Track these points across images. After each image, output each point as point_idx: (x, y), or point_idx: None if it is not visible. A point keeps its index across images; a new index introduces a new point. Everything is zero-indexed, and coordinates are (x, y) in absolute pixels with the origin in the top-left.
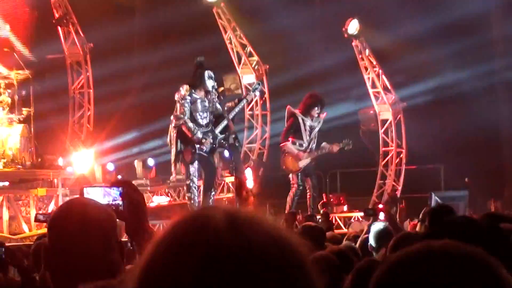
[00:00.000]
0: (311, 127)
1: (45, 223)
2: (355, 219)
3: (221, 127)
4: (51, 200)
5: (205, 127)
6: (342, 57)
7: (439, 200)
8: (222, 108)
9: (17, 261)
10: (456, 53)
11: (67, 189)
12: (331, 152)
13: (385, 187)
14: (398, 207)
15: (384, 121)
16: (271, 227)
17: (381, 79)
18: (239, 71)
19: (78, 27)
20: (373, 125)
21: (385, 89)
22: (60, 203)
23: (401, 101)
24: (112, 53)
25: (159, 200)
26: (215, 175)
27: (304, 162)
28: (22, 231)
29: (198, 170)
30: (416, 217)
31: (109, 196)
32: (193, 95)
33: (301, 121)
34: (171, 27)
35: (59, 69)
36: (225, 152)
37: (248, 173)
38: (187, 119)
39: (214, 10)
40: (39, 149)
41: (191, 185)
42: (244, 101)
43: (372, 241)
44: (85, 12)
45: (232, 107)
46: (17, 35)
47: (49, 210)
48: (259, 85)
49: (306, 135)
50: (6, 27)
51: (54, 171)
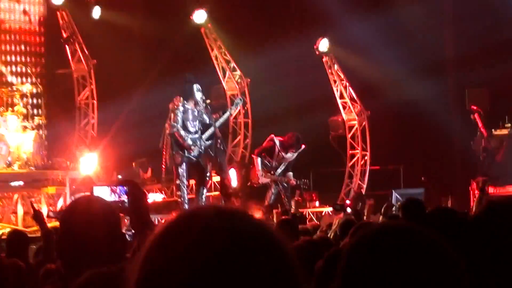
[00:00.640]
0: (283, 157)
1: (55, 219)
2: (326, 213)
3: (208, 134)
4: (60, 197)
5: (194, 134)
6: (314, 71)
7: (399, 196)
8: (209, 117)
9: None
10: (414, 69)
11: (74, 187)
12: (290, 183)
13: (351, 185)
14: (365, 203)
15: (351, 128)
16: (253, 219)
17: (348, 91)
18: (224, 84)
19: (83, 45)
20: (341, 131)
21: (352, 99)
22: (68, 200)
23: (365, 110)
24: (113, 69)
25: (154, 197)
26: (205, 175)
27: (264, 180)
28: (34, 225)
29: (186, 171)
30: (378, 212)
31: (115, 194)
32: (185, 106)
33: (277, 151)
34: (165, 45)
35: (67, 83)
36: (212, 155)
37: (232, 173)
38: (180, 127)
39: (202, 30)
40: (49, 152)
41: (180, 184)
42: (228, 113)
43: (338, 232)
44: (89, 32)
45: (217, 118)
46: (31, 53)
47: (58, 206)
48: (241, 100)
49: (275, 159)
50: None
51: (62, 172)
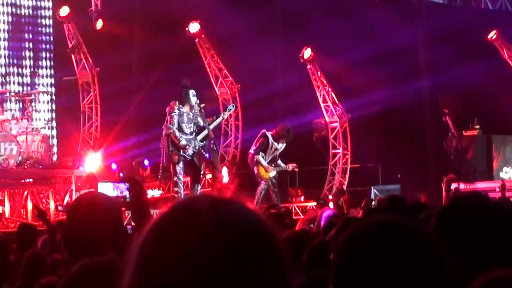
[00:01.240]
0: (275, 149)
1: (62, 213)
2: (310, 207)
3: (202, 135)
4: (66, 193)
5: (189, 135)
6: (299, 77)
7: (377, 192)
8: (202, 120)
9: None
10: (389, 74)
11: (79, 184)
12: (287, 170)
13: (334, 182)
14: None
15: (333, 129)
16: (246, 209)
17: (330, 95)
18: (216, 89)
19: (87, 54)
20: (324, 132)
21: (334, 103)
22: (73, 196)
23: (346, 113)
24: (115, 75)
25: (152, 193)
26: (199, 173)
27: (272, 173)
28: None
29: (183, 169)
30: (358, 206)
31: (118, 190)
32: (181, 109)
33: (271, 144)
34: (163, 54)
35: (73, 89)
36: (205, 154)
37: (224, 171)
38: (176, 129)
39: (196, 40)
40: (57, 152)
41: (177, 181)
42: (221, 118)
43: (322, 224)
44: (93, 42)
45: (211, 121)
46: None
47: (65, 202)
48: (233, 106)
49: (269, 153)
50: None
51: (68, 170)
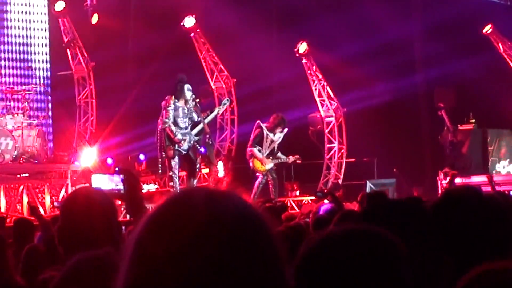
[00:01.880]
0: (272, 141)
1: (58, 208)
2: (306, 202)
3: (197, 130)
4: (61, 188)
5: (184, 130)
6: (294, 72)
7: (373, 186)
8: (197, 115)
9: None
10: (385, 68)
11: (74, 179)
12: (287, 162)
13: (329, 176)
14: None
15: (328, 123)
16: (241, 202)
17: (325, 90)
18: (212, 84)
19: (83, 49)
20: (319, 126)
21: (329, 97)
22: (69, 190)
23: (341, 107)
24: (110, 70)
25: (148, 187)
26: (194, 167)
27: (268, 165)
28: None
29: (178, 163)
30: (355, 200)
31: (113, 182)
32: (176, 104)
33: (266, 135)
34: (158, 49)
35: (68, 83)
36: (201, 149)
37: (219, 165)
38: (171, 123)
39: (191, 35)
40: (52, 147)
41: (173, 176)
42: (215, 112)
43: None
44: (88, 37)
45: (206, 116)
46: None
47: (60, 196)
48: (228, 101)
49: (266, 145)
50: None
51: (64, 165)
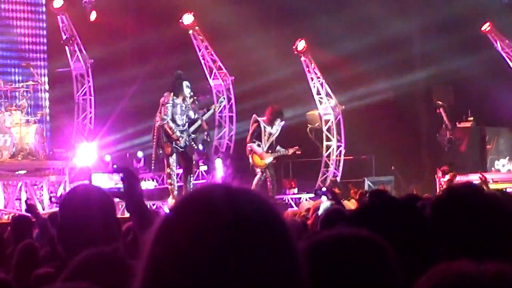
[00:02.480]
0: (270, 134)
1: (56, 204)
2: (304, 199)
3: (195, 127)
4: (60, 185)
5: (182, 127)
6: (292, 69)
7: (371, 184)
8: (195, 112)
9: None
10: (383, 66)
11: (72, 176)
12: (287, 154)
13: (328, 173)
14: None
15: (327, 121)
16: (262, 200)
17: (324, 87)
18: (210, 81)
19: (81, 46)
20: (318, 124)
21: (327, 95)
22: (67, 187)
23: (340, 104)
24: (108, 67)
25: (146, 184)
26: (191, 164)
27: (268, 160)
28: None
29: (176, 160)
30: (352, 198)
31: (112, 180)
32: (174, 101)
33: (263, 129)
34: (156, 46)
35: (67, 80)
36: (199, 146)
37: (218, 162)
38: (169, 120)
39: (190, 32)
40: (50, 144)
41: (171, 173)
42: (212, 110)
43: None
44: (87, 34)
45: (204, 113)
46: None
47: (58, 193)
48: (224, 99)
49: (264, 140)
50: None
51: (62, 161)
